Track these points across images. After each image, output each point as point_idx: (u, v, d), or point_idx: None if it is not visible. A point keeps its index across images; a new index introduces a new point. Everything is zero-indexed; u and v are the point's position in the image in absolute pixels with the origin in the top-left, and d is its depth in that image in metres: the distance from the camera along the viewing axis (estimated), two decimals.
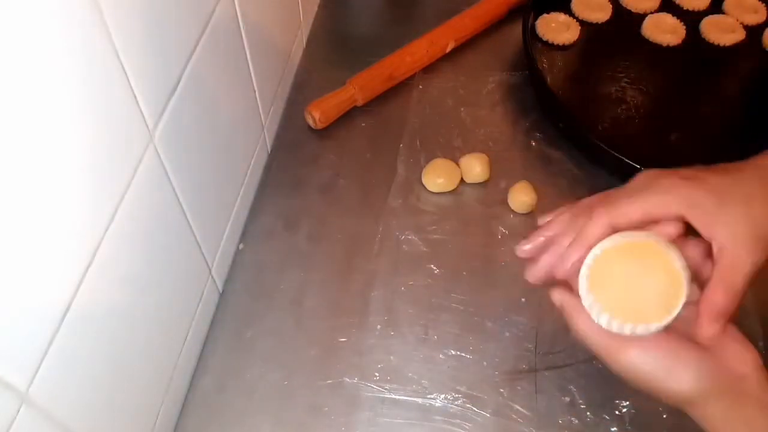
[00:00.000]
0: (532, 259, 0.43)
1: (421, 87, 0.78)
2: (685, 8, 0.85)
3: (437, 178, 0.67)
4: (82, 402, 0.38)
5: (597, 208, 0.38)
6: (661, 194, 0.37)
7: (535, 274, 0.42)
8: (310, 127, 0.73)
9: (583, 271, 0.38)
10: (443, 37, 0.80)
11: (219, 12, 0.51)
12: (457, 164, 0.68)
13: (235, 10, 0.55)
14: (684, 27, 0.82)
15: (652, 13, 0.84)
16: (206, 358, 0.56)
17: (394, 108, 0.76)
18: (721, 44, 0.81)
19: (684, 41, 0.81)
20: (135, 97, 0.39)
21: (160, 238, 0.46)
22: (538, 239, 0.43)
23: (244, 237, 0.64)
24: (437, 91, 0.78)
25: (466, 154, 0.69)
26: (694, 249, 0.38)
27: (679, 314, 0.36)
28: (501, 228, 0.65)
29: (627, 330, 0.36)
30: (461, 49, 0.82)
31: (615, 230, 0.38)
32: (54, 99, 0.31)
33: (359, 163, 0.70)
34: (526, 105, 0.76)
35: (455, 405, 0.53)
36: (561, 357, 0.56)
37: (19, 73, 0.29)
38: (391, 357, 0.56)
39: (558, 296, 0.40)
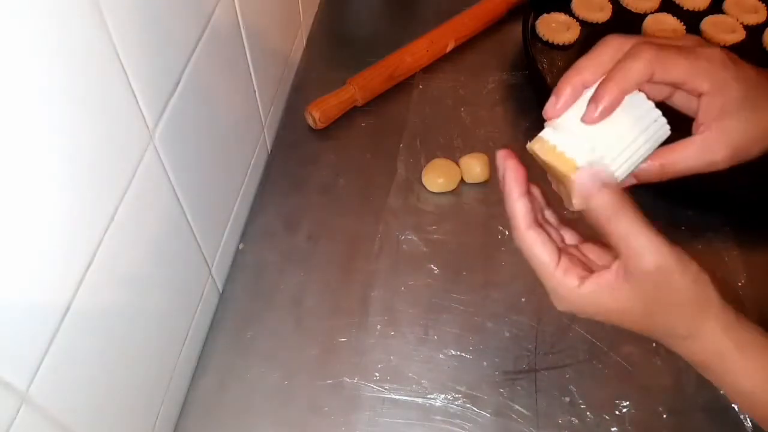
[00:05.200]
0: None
1: (421, 87, 0.78)
2: (685, 8, 0.85)
3: (437, 178, 0.67)
4: (82, 402, 0.38)
5: (643, 46, 0.35)
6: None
7: (554, 108, 0.37)
8: (310, 127, 0.73)
9: None
10: (443, 37, 0.80)
11: (219, 12, 0.51)
12: (457, 164, 0.68)
13: (235, 10, 0.55)
14: (684, 27, 0.82)
15: (652, 13, 0.84)
16: (206, 358, 0.56)
17: (394, 108, 0.76)
18: (721, 44, 0.81)
19: None
20: (135, 97, 0.39)
21: (160, 238, 0.46)
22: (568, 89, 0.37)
23: (244, 237, 0.64)
24: (437, 91, 0.78)
25: (466, 154, 0.69)
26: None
27: None
28: (501, 228, 0.65)
29: None
30: (461, 49, 0.82)
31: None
32: (54, 99, 0.31)
33: (359, 163, 0.70)
34: (526, 105, 0.76)
35: (455, 405, 0.53)
36: (561, 357, 0.56)
37: (18, 73, 0.29)
38: (391, 357, 0.56)
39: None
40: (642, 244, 0.33)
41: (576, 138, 0.36)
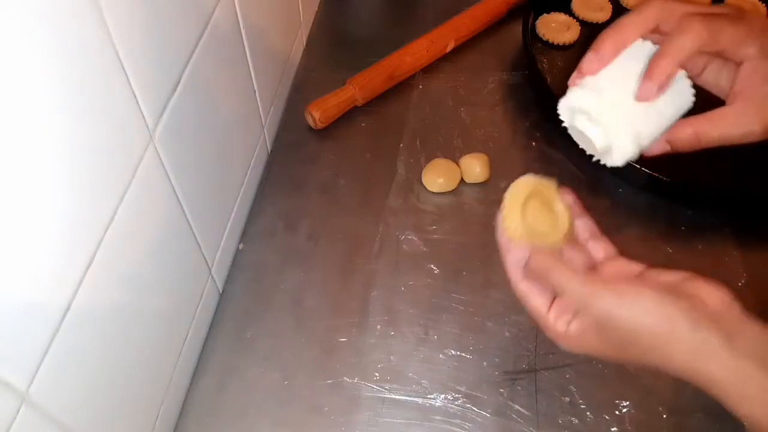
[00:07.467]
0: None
1: (421, 87, 0.78)
2: None
3: (437, 178, 0.67)
4: (82, 402, 0.38)
5: (693, 18, 0.34)
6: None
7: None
8: (310, 127, 0.73)
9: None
10: (443, 37, 0.80)
11: (219, 12, 0.51)
12: (457, 164, 0.68)
13: (235, 10, 0.55)
14: None
15: None
16: (206, 358, 0.56)
17: (394, 108, 0.76)
18: None
19: None
20: (135, 97, 0.39)
21: (160, 238, 0.46)
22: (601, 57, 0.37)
23: (244, 237, 0.64)
24: (437, 91, 0.78)
25: (466, 154, 0.69)
26: None
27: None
28: None
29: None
30: (461, 49, 0.82)
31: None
32: (54, 99, 0.31)
33: (359, 163, 0.70)
34: (526, 105, 0.76)
35: (455, 405, 0.53)
36: (561, 357, 0.56)
37: (18, 73, 0.29)
38: (391, 357, 0.56)
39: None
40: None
41: (602, 101, 0.37)
